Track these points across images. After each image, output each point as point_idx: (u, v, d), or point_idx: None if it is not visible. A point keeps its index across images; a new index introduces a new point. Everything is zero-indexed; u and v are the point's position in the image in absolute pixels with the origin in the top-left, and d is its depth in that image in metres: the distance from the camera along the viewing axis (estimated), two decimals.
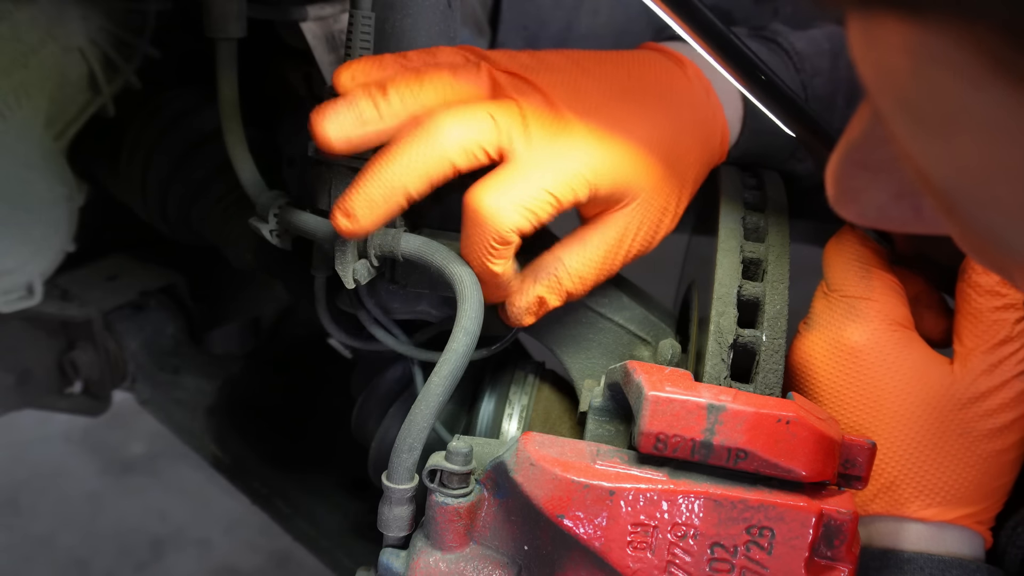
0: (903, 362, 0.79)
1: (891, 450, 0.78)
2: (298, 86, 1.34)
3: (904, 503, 0.78)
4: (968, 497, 0.77)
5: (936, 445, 0.77)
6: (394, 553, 0.75)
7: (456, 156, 0.74)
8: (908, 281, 0.84)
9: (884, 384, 0.78)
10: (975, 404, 0.77)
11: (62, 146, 1.14)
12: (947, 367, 0.79)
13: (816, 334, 0.83)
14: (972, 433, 0.77)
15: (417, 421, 0.73)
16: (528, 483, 0.69)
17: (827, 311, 0.83)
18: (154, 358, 1.43)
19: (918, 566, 0.75)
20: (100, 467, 2.74)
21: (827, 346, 0.81)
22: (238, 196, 1.24)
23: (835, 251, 0.85)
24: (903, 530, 0.78)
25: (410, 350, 0.92)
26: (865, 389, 0.79)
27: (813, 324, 0.83)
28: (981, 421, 0.77)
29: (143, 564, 2.45)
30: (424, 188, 0.75)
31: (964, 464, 0.77)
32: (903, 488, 0.78)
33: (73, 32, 1.10)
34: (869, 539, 0.79)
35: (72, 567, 2.43)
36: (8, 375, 1.36)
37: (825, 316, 0.83)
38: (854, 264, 0.83)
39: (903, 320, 0.81)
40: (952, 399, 0.77)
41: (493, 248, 0.75)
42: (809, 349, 0.82)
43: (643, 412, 0.67)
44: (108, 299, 1.40)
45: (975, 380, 0.77)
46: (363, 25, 0.84)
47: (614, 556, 0.66)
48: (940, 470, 0.77)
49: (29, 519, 2.55)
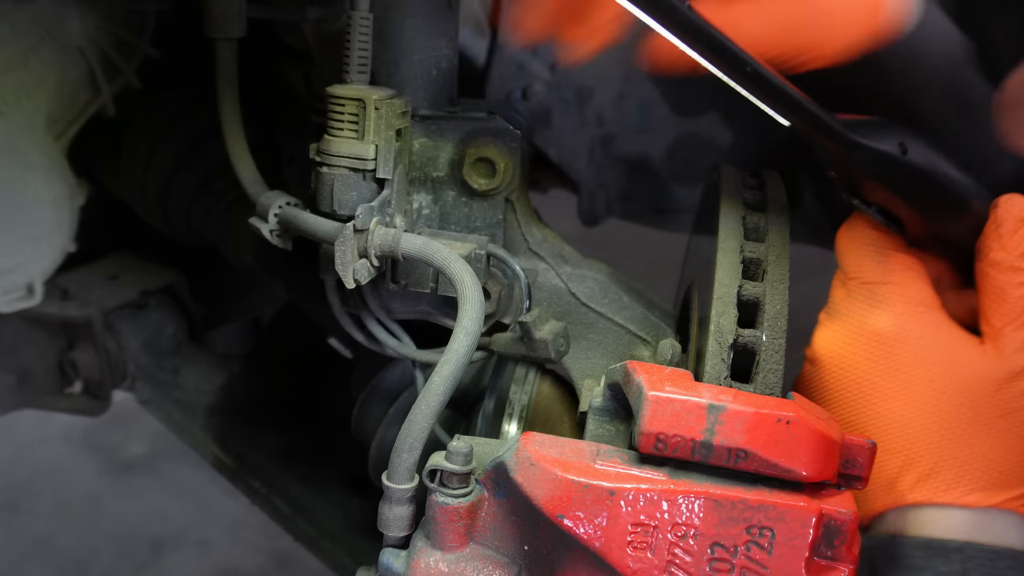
0: (933, 344, 0.77)
1: (928, 435, 0.75)
2: (298, 86, 1.34)
3: (946, 490, 0.75)
4: (1013, 479, 0.75)
5: (975, 427, 0.75)
6: (394, 553, 0.75)
7: None
8: (927, 263, 0.82)
9: (915, 368, 0.76)
10: (1012, 383, 0.75)
11: (62, 146, 1.14)
12: (979, 347, 0.77)
13: (838, 323, 0.80)
14: (1013, 413, 0.75)
15: (417, 421, 0.73)
16: (528, 483, 0.69)
17: (847, 299, 0.81)
18: (154, 358, 1.43)
19: (967, 555, 0.72)
20: (100, 467, 2.73)
21: (851, 335, 0.79)
22: (238, 196, 1.24)
23: (847, 238, 0.83)
24: (947, 518, 0.75)
25: (411, 351, 0.93)
26: (896, 375, 0.77)
27: (834, 313, 0.81)
28: (1021, 399, 0.75)
29: (143, 564, 2.44)
30: None
31: (1006, 445, 0.75)
32: (943, 474, 0.75)
33: (73, 32, 1.10)
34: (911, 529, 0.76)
35: (72, 567, 2.43)
36: (8, 375, 1.36)
37: (846, 304, 0.81)
38: (868, 249, 0.81)
39: (928, 300, 0.79)
40: (988, 379, 0.75)
41: None
42: (832, 339, 0.80)
43: (643, 412, 0.67)
44: (108, 299, 1.40)
45: (1010, 358, 0.75)
46: (362, 25, 0.84)
47: (614, 556, 0.66)
48: (981, 453, 0.75)
49: (29, 519, 2.55)
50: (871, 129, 0.76)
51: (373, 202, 0.81)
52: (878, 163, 0.76)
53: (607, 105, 1.35)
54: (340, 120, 0.82)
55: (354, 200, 0.83)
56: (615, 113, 1.36)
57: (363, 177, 0.83)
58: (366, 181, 0.83)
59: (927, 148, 0.77)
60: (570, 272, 0.93)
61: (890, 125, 0.77)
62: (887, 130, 0.76)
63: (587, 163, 1.38)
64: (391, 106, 0.82)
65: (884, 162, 0.75)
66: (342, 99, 0.82)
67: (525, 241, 0.93)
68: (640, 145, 1.38)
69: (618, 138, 1.38)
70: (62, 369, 1.39)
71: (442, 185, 0.91)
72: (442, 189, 0.91)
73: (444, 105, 0.92)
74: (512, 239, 0.93)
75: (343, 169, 0.82)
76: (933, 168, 0.77)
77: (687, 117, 1.37)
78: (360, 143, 0.82)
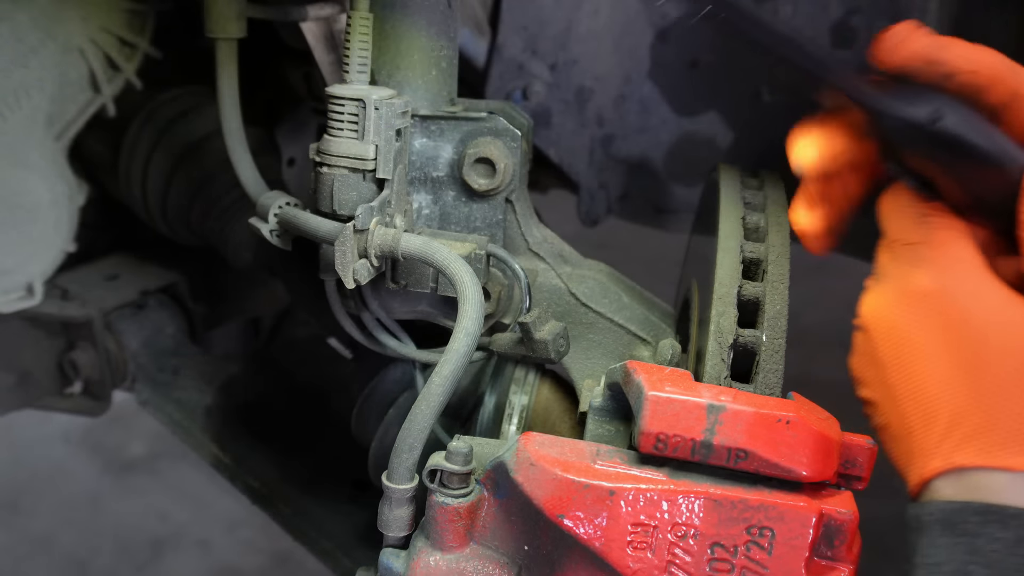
0: (979, 302, 0.74)
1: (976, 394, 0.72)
2: (298, 86, 1.34)
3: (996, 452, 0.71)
4: None
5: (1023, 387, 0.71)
6: (394, 553, 0.75)
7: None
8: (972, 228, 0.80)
9: (960, 326, 0.74)
10: None
11: (62, 146, 1.14)
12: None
13: (884, 287, 0.78)
14: None
15: (417, 421, 0.73)
16: (528, 483, 0.69)
17: (892, 262, 0.79)
18: (154, 358, 1.43)
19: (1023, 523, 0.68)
20: (100, 467, 2.73)
21: (897, 297, 0.77)
22: (238, 196, 1.24)
23: (889, 201, 0.81)
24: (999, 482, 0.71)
25: (411, 351, 0.93)
26: (941, 334, 0.74)
27: (880, 277, 0.79)
28: None
29: (143, 564, 2.44)
30: None
31: None
32: (992, 435, 0.71)
33: (73, 32, 1.10)
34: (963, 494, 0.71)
35: (72, 567, 2.43)
36: (8, 375, 1.36)
37: (891, 268, 0.79)
38: (910, 211, 0.80)
39: (972, 258, 0.76)
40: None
41: None
42: (879, 303, 0.78)
43: (643, 412, 0.67)
44: (108, 299, 1.40)
45: None
46: (362, 25, 0.84)
47: (614, 556, 0.66)
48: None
49: (29, 519, 2.55)
50: (904, 97, 0.75)
51: (373, 202, 0.81)
52: (910, 132, 0.75)
53: (607, 105, 1.35)
54: (340, 120, 0.82)
55: (354, 200, 0.83)
56: (615, 113, 1.36)
57: (363, 177, 0.83)
58: (366, 181, 0.83)
59: (964, 114, 0.76)
60: (570, 272, 0.93)
61: (925, 92, 0.76)
62: (922, 97, 0.75)
63: (587, 163, 1.38)
64: (391, 106, 0.82)
65: (916, 131, 0.75)
66: (342, 99, 0.82)
67: (525, 241, 0.93)
68: (640, 145, 1.38)
69: (618, 138, 1.38)
70: (62, 369, 1.39)
71: (442, 185, 0.91)
72: (442, 189, 0.91)
73: (444, 105, 0.92)
74: (512, 239, 0.93)
75: (343, 169, 0.82)
76: (969, 135, 0.75)
77: (687, 117, 1.37)
78: (360, 143, 0.82)
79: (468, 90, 0.99)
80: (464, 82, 0.97)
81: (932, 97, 0.75)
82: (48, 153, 1.13)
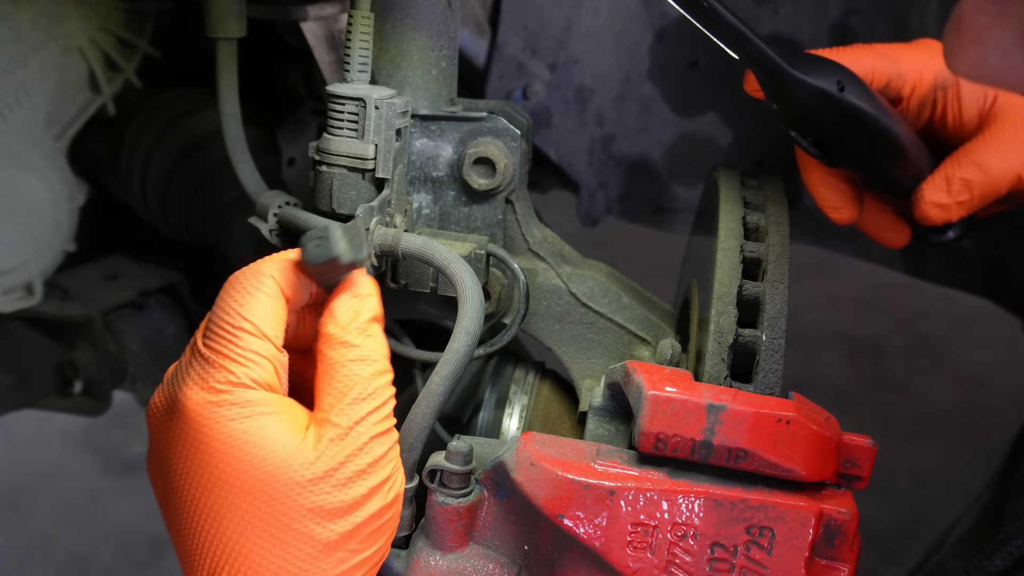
0: None
1: None
2: (298, 86, 1.34)
3: None
4: None
5: None
6: (394, 553, 0.75)
7: None
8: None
9: None
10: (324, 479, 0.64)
11: (62, 146, 1.14)
12: None
13: None
14: None
15: (417, 421, 0.73)
16: (528, 483, 0.69)
17: None
18: (154, 358, 1.43)
19: None
20: (100, 467, 2.74)
21: None
22: (238, 195, 1.24)
23: None
24: None
25: (411, 351, 0.93)
26: None
27: None
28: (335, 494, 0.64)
29: (143, 564, 2.45)
30: None
31: None
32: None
33: (73, 32, 1.10)
34: None
35: (72, 566, 2.43)
36: (8, 375, 1.36)
37: None
38: None
39: None
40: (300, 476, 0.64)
41: None
42: None
43: (643, 412, 0.67)
44: (108, 299, 1.40)
45: None
46: (363, 24, 0.84)
47: (614, 556, 0.66)
48: None
49: (29, 519, 2.55)
50: (812, 66, 0.82)
51: (373, 202, 0.81)
52: (816, 98, 0.81)
53: (607, 105, 1.35)
54: (340, 119, 0.82)
55: (354, 200, 0.83)
56: (615, 113, 1.36)
57: (363, 177, 0.83)
58: (366, 181, 0.83)
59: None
60: (570, 272, 0.93)
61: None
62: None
63: (587, 163, 1.38)
64: (391, 106, 0.82)
65: (821, 98, 0.81)
66: (342, 98, 0.82)
67: (525, 241, 0.93)
68: (640, 145, 1.39)
69: (618, 138, 1.38)
70: (62, 369, 1.39)
71: (442, 185, 0.91)
72: (442, 189, 0.91)
73: (444, 105, 0.92)
74: (512, 239, 0.93)
75: (343, 168, 0.82)
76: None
77: (687, 117, 1.37)
78: (360, 142, 0.82)
79: (468, 90, 0.99)
80: (464, 82, 0.97)
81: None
82: (48, 153, 1.13)
